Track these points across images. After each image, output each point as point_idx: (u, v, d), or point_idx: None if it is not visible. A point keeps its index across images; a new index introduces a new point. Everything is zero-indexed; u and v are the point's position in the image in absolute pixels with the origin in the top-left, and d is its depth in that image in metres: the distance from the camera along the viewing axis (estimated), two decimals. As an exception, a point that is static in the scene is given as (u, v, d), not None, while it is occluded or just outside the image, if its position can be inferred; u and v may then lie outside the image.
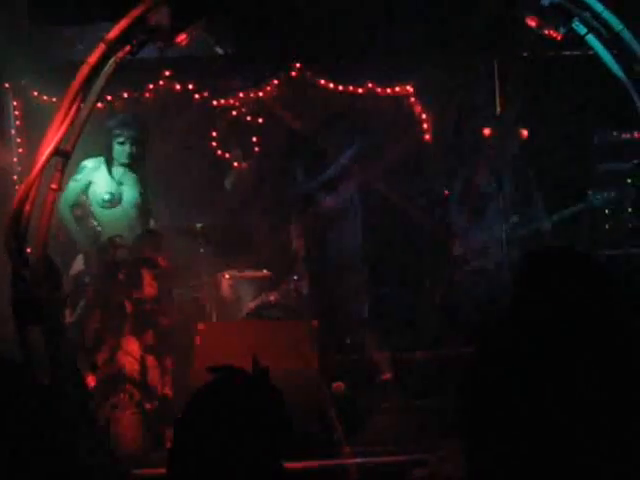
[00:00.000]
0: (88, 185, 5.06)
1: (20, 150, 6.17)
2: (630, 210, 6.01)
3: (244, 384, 1.66)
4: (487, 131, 5.63)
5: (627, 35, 3.48)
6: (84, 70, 3.56)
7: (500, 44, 5.84)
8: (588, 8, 3.47)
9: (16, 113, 6.24)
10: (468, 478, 1.63)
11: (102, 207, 5.03)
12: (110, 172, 5.07)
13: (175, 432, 1.67)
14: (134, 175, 5.16)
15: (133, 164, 5.14)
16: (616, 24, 3.45)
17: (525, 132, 5.63)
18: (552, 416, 1.49)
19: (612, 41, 3.49)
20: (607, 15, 3.44)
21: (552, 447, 1.48)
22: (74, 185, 5.02)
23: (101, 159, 5.13)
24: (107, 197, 5.01)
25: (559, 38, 3.64)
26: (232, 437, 1.59)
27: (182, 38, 3.73)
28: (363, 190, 6.18)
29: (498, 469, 1.56)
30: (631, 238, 5.86)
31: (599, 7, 3.44)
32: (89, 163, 5.07)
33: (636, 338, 1.50)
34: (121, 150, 5.04)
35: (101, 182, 5.06)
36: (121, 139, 5.03)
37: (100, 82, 3.63)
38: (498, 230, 5.42)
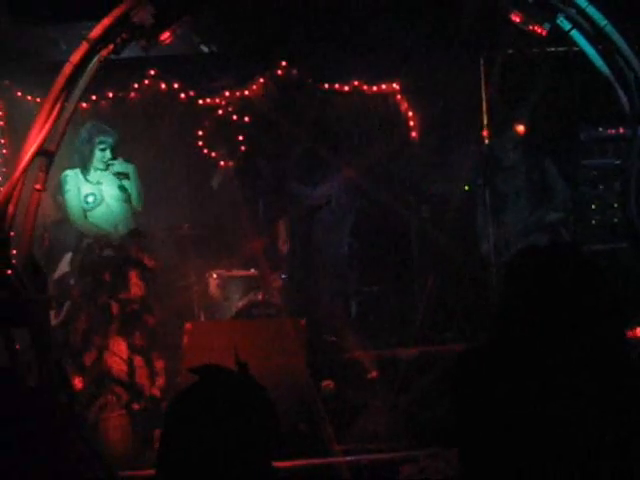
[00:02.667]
0: (78, 192, 5.19)
1: (4, 151, 6.12)
2: (616, 205, 6.04)
3: (226, 382, 1.64)
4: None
5: (611, 30, 3.48)
6: (67, 69, 3.52)
7: (485, 41, 5.84)
8: (572, 4, 3.47)
9: (0, 114, 6.20)
10: (461, 476, 1.62)
11: (89, 210, 5.14)
12: (87, 178, 5.20)
13: (162, 433, 1.65)
14: (109, 172, 5.25)
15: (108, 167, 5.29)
16: (600, 19, 3.45)
17: (521, 127, 5.65)
18: (544, 411, 1.49)
19: (596, 36, 3.49)
20: (591, 10, 3.44)
21: (545, 443, 1.48)
22: (70, 195, 5.16)
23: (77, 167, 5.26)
24: (90, 198, 5.14)
25: (544, 34, 3.64)
26: (217, 436, 1.57)
27: (166, 36, 3.70)
28: (349, 189, 6.18)
29: (491, 467, 1.55)
30: (617, 233, 5.89)
31: (583, 3, 3.44)
32: (70, 172, 5.19)
33: (624, 329, 1.50)
34: (102, 156, 5.21)
35: (82, 187, 5.19)
36: (103, 146, 5.22)
37: (83, 81, 3.60)
38: (518, 225, 5.46)
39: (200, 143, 6.45)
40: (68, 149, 4.87)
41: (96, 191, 5.17)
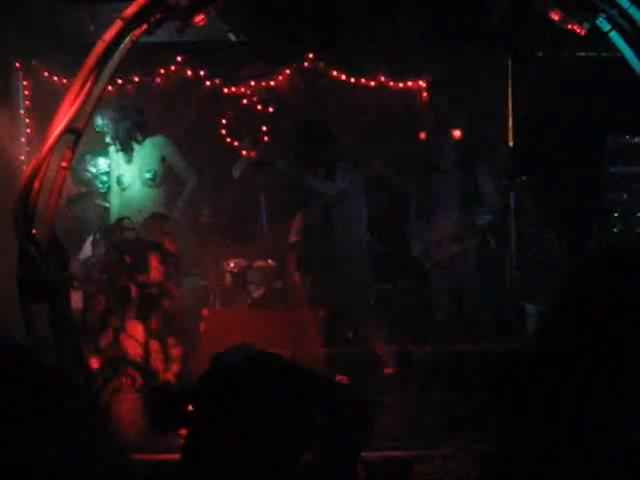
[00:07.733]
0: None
1: (28, 130, 6.13)
2: (639, 215, 5.99)
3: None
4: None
5: (653, 32, 3.41)
6: (99, 47, 3.49)
7: (516, 42, 5.78)
8: (614, 4, 3.40)
9: (25, 93, 6.20)
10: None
11: (122, 189, 5.14)
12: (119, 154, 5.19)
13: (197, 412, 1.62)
14: (142, 153, 5.24)
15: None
16: (642, 21, 3.39)
17: (458, 132, 5.64)
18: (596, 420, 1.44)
19: (636, 38, 3.42)
20: (633, 11, 3.38)
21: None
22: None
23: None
24: (124, 178, 5.12)
25: (582, 34, 3.58)
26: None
27: (200, 18, 3.66)
28: (367, 183, 6.14)
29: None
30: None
31: (625, 3, 3.38)
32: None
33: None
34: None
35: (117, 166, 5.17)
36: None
37: (114, 60, 3.57)
38: (447, 227, 5.48)
39: (223, 132, 6.43)
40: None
41: (128, 172, 5.16)
